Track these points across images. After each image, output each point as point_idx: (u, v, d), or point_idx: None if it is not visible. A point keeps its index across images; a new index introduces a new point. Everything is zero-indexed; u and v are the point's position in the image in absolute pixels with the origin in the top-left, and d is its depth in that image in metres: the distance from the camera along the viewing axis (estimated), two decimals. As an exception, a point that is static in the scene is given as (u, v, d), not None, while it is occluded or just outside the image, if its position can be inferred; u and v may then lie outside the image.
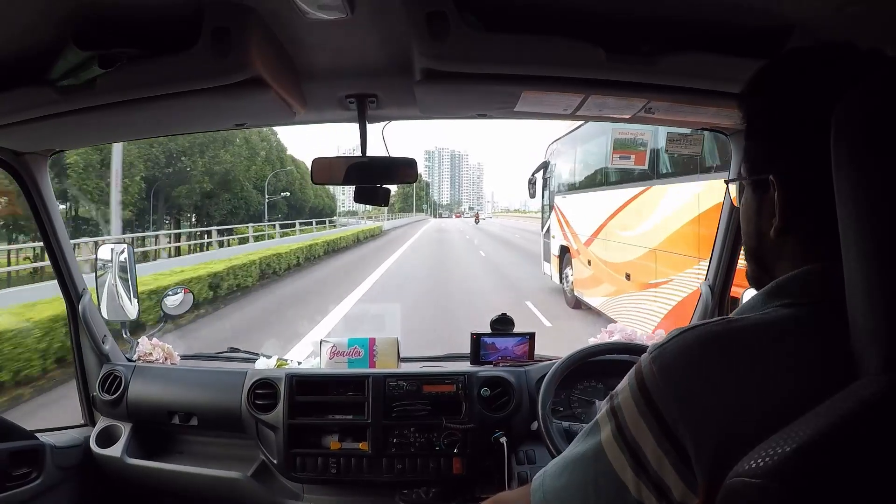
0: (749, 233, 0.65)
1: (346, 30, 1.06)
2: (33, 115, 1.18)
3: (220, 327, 8.50)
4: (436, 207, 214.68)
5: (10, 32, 0.99)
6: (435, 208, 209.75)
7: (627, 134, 1.40)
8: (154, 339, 1.92)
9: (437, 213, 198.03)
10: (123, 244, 1.85)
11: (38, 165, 1.57)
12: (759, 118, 0.62)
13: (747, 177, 0.63)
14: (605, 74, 1.08)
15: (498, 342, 1.78)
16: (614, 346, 1.61)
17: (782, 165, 0.58)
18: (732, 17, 0.99)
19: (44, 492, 1.53)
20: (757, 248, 0.64)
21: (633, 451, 0.55)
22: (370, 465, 1.61)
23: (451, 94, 1.18)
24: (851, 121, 0.44)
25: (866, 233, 0.43)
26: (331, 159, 1.49)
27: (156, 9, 0.98)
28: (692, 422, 0.51)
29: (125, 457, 1.69)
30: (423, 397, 1.63)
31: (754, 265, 0.66)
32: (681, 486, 0.52)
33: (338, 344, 1.81)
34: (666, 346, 0.56)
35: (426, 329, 6.92)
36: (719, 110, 1.25)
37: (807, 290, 0.56)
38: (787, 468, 0.40)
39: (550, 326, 7.59)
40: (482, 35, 0.98)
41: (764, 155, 0.61)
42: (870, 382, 0.42)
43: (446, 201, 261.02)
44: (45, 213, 1.61)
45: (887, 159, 0.42)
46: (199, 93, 1.07)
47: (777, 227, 0.59)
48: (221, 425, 1.72)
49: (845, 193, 0.45)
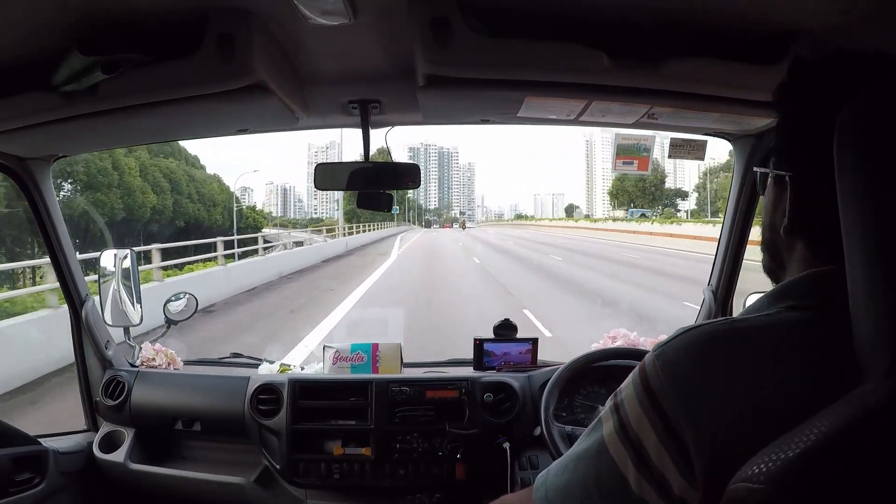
0: (766, 224, 0.66)
1: (349, 35, 1.06)
2: (37, 120, 1.18)
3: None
4: (422, 214, 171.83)
5: (14, 38, 0.99)
6: (421, 215, 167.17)
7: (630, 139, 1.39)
8: (157, 344, 1.92)
9: (425, 219, 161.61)
10: (126, 250, 1.85)
11: (41, 171, 1.57)
12: (786, 118, 0.62)
13: (771, 170, 0.64)
14: (609, 80, 1.08)
15: (501, 347, 1.78)
16: (617, 352, 1.60)
17: (797, 166, 0.59)
18: (736, 23, 0.99)
19: (47, 497, 1.53)
20: (771, 240, 0.65)
21: (634, 446, 0.55)
22: (373, 471, 1.60)
23: (454, 99, 1.18)
24: (855, 126, 0.44)
25: (869, 237, 0.43)
26: (334, 165, 1.50)
27: (159, 15, 0.98)
28: (694, 418, 0.52)
29: (128, 462, 1.68)
30: (426, 403, 1.63)
31: (768, 257, 0.67)
32: (681, 482, 0.52)
33: (341, 349, 1.81)
34: (669, 343, 0.57)
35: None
36: (723, 116, 1.25)
37: (812, 293, 0.56)
38: (791, 474, 0.40)
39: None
40: (486, 41, 0.98)
41: (785, 153, 0.62)
42: (873, 388, 0.42)
43: (434, 205, 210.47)
44: (48, 218, 1.61)
45: (890, 164, 0.42)
46: (203, 98, 1.08)
47: (786, 226, 0.60)
48: (224, 431, 1.71)
49: (848, 198, 0.45)
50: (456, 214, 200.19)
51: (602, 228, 44.36)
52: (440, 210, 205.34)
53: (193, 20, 0.98)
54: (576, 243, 30.89)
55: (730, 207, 1.62)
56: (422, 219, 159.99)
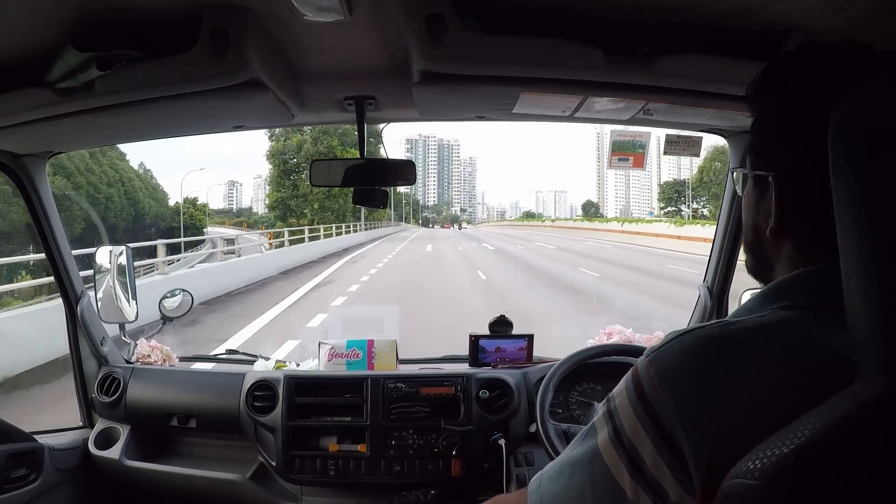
0: (748, 225, 0.66)
1: (345, 32, 1.06)
2: (32, 116, 1.18)
3: None
4: (419, 211, 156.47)
5: (10, 34, 0.99)
6: (419, 212, 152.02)
7: (626, 136, 1.39)
8: (152, 340, 1.92)
9: (422, 217, 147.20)
10: (122, 246, 1.85)
11: (37, 167, 1.57)
12: (763, 116, 0.62)
13: (750, 170, 0.63)
14: (604, 76, 1.08)
15: (496, 344, 1.78)
16: (612, 348, 1.61)
17: (782, 167, 0.58)
18: (731, 19, 0.99)
19: (42, 494, 1.53)
20: (755, 242, 0.65)
21: (629, 454, 0.55)
22: (369, 467, 1.60)
23: (449, 95, 1.18)
24: (850, 123, 0.44)
25: (864, 235, 0.43)
26: (329, 161, 1.50)
27: (155, 12, 0.98)
28: (689, 425, 0.51)
29: (124, 459, 1.68)
30: (421, 399, 1.63)
31: (752, 258, 0.67)
32: (678, 490, 0.52)
33: (336, 346, 1.81)
34: (663, 348, 0.56)
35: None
36: (718, 112, 1.26)
37: (805, 292, 0.56)
38: (786, 470, 0.40)
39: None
40: (480, 37, 0.98)
41: (765, 153, 0.61)
42: (868, 384, 0.42)
43: (433, 201, 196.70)
44: (43, 215, 1.61)
45: (886, 162, 0.42)
46: (198, 95, 1.08)
47: (772, 227, 0.59)
48: (220, 427, 1.71)
49: (843, 196, 0.45)
50: (456, 211, 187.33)
51: (643, 233, 32.20)
52: (439, 207, 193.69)
53: (188, 17, 0.97)
54: (604, 250, 24.63)
55: (725, 204, 1.62)
56: (419, 216, 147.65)
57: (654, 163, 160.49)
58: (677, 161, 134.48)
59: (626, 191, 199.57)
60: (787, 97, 0.58)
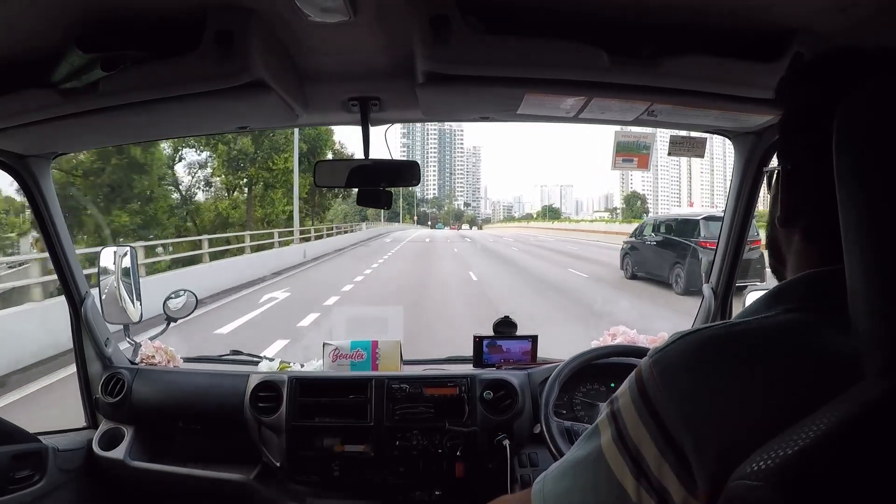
0: (769, 221, 0.66)
1: (349, 33, 1.06)
2: (37, 117, 1.18)
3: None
4: (416, 205, 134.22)
5: (14, 35, 0.99)
6: (416, 208, 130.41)
7: (630, 137, 1.39)
8: (156, 341, 1.92)
9: (420, 212, 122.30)
10: (126, 247, 1.85)
11: (41, 168, 1.57)
12: (787, 114, 0.62)
13: (777, 167, 0.64)
14: (608, 77, 1.07)
15: (501, 345, 1.78)
16: (617, 349, 1.60)
17: (795, 160, 0.59)
18: (735, 21, 0.99)
19: (46, 494, 1.53)
20: (771, 236, 0.65)
21: (633, 456, 0.54)
22: (373, 468, 1.60)
23: (453, 96, 1.18)
24: (854, 124, 0.44)
25: (868, 236, 0.43)
26: (333, 162, 1.51)
27: (159, 12, 0.98)
28: (693, 427, 0.51)
29: (128, 459, 1.69)
30: (425, 400, 1.63)
31: (770, 254, 0.67)
32: (681, 492, 0.51)
33: (340, 346, 1.81)
34: (666, 349, 0.56)
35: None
36: (722, 113, 1.25)
37: (810, 294, 0.56)
38: (790, 470, 0.40)
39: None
40: (485, 38, 0.98)
41: (785, 148, 0.62)
42: (871, 385, 0.42)
43: (432, 194, 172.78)
44: (47, 215, 1.62)
45: (890, 163, 0.42)
46: (202, 96, 1.08)
47: (779, 216, 0.60)
48: (224, 428, 1.72)
49: (847, 195, 0.44)
50: (460, 206, 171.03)
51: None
52: (440, 200, 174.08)
53: (193, 17, 0.97)
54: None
55: (729, 205, 1.62)
56: (415, 211, 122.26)
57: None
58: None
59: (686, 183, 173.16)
60: (806, 97, 0.59)
